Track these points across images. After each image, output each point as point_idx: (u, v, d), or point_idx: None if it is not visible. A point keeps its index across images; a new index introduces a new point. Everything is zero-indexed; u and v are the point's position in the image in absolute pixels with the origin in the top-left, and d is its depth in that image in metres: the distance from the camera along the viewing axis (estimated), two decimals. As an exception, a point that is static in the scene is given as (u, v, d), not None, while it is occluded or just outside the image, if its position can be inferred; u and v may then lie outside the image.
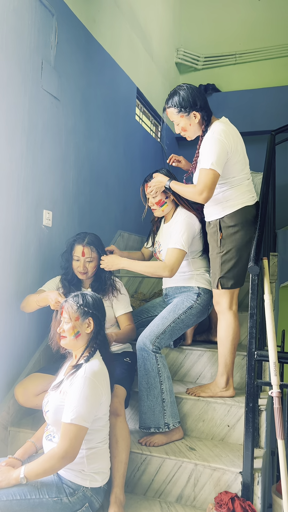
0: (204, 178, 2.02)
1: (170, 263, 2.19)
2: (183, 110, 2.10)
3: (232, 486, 1.86)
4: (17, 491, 1.57)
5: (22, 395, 2.12)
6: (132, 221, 3.84)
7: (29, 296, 2.24)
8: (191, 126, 2.14)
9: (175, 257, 2.19)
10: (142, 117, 4.37)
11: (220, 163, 2.01)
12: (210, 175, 2.01)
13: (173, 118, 2.16)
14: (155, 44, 4.51)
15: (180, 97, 2.10)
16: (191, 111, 2.10)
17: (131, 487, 2.01)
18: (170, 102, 2.13)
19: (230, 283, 2.13)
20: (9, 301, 2.21)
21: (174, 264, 2.18)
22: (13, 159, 2.21)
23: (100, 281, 2.30)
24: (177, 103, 2.10)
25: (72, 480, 1.65)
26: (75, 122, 2.82)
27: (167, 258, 2.21)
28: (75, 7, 2.79)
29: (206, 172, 2.01)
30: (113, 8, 3.41)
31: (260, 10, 5.10)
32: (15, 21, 2.20)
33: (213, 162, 2.00)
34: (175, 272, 2.20)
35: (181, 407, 2.22)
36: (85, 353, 1.77)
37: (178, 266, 2.20)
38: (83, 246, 2.26)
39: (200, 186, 2.04)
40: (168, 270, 2.18)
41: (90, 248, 2.26)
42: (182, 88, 2.13)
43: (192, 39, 5.39)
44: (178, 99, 2.10)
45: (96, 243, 2.30)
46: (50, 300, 2.06)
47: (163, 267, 2.19)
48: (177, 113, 2.13)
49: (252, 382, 1.82)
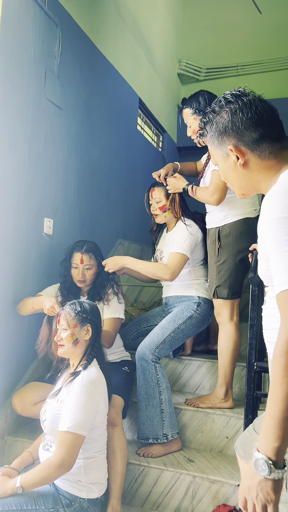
0: (216, 180, 2.05)
1: (171, 266, 2.19)
2: (197, 113, 2.17)
3: (230, 499, 1.84)
4: (13, 502, 1.56)
5: (20, 404, 2.10)
6: (133, 230, 3.85)
7: (27, 298, 2.23)
8: None
9: (177, 261, 2.20)
10: (143, 127, 4.40)
11: None
12: None
13: (187, 119, 2.22)
14: (157, 55, 4.55)
15: (197, 100, 2.17)
16: None
17: (128, 499, 1.99)
18: (188, 103, 2.21)
19: (226, 293, 2.13)
20: (7, 309, 2.21)
21: (175, 268, 2.19)
22: (15, 167, 2.22)
23: (97, 288, 2.29)
24: (193, 105, 2.18)
25: (69, 491, 1.63)
26: (77, 131, 2.84)
27: (169, 261, 2.21)
28: (79, 18, 2.83)
29: (218, 174, 2.03)
30: (116, 19, 3.45)
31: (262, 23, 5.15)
32: (20, 32, 2.23)
33: None
34: (175, 276, 2.20)
35: (180, 417, 2.21)
36: (83, 361, 1.76)
37: (179, 270, 2.20)
38: (81, 253, 2.26)
39: (212, 188, 2.06)
40: (169, 273, 2.18)
41: (88, 256, 2.26)
42: (201, 93, 2.21)
43: (194, 51, 5.45)
44: (195, 101, 2.18)
45: (94, 251, 2.30)
46: (46, 304, 2.06)
47: (164, 269, 2.20)
48: (191, 114, 2.19)
49: (252, 393, 1.81)
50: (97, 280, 2.30)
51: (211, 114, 1.11)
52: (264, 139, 1.05)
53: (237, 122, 1.06)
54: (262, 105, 1.07)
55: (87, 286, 2.31)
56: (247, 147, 1.07)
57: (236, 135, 1.07)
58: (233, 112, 1.07)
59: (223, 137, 1.09)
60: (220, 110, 1.09)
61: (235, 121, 1.06)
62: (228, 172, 1.13)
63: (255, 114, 1.05)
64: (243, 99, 1.07)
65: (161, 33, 4.67)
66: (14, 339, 2.26)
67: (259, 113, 1.06)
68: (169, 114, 5.04)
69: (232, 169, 1.10)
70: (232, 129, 1.07)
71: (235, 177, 1.12)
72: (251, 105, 1.06)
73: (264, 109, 1.07)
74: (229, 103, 1.08)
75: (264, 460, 0.91)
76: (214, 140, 1.12)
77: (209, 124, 1.12)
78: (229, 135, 1.08)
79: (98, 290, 2.27)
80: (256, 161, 1.07)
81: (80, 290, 2.34)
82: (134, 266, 2.26)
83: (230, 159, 1.10)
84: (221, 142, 1.10)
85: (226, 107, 1.08)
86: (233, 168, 1.10)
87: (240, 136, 1.06)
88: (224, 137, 1.09)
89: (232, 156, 1.08)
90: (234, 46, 5.31)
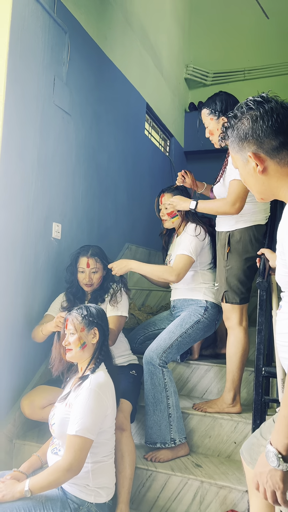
0: (236, 189, 2.04)
1: (177, 268, 2.21)
2: (213, 113, 2.19)
3: (238, 505, 1.84)
4: (21, 506, 1.56)
5: (28, 408, 2.11)
6: (140, 234, 3.86)
7: (37, 327, 2.27)
8: (218, 131, 2.20)
9: (182, 262, 2.21)
10: (151, 132, 4.42)
11: None
12: (242, 186, 2.02)
13: (204, 120, 2.25)
14: (164, 60, 4.58)
15: (214, 101, 2.20)
16: (221, 116, 2.17)
17: (136, 504, 1.98)
18: (206, 103, 2.23)
19: (235, 298, 2.13)
20: (16, 313, 2.23)
21: (181, 270, 2.20)
22: (24, 172, 2.25)
23: (102, 290, 2.30)
24: (210, 105, 2.20)
25: (77, 495, 1.63)
26: (85, 137, 2.87)
27: (175, 263, 2.23)
28: (87, 25, 2.86)
29: (237, 183, 2.03)
30: (124, 25, 3.48)
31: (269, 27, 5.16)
32: (29, 39, 2.26)
33: None
34: (181, 277, 2.21)
35: (188, 422, 2.20)
36: (91, 364, 1.77)
37: (185, 272, 2.22)
38: (87, 257, 2.28)
39: (232, 197, 2.05)
40: (175, 275, 2.20)
41: (94, 259, 2.28)
42: (219, 94, 2.23)
43: (202, 55, 5.47)
44: (212, 102, 2.20)
45: (100, 255, 2.32)
46: (51, 324, 2.09)
47: (170, 271, 2.21)
48: (208, 114, 2.21)
49: (260, 398, 1.80)
50: (104, 283, 2.31)
51: (233, 120, 1.13)
52: (284, 146, 1.07)
53: (257, 129, 1.08)
54: (284, 112, 1.08)
55: (94, 290, 2.33)
56: (267, 154, 1.08)
57: (256, 142, 1.08)
58: (254, 119, 1.08)
59: (243, 143, 1.11)
60: (242, 116, 1.11)
61: (256, 128, 1.08)
62: (247, 177, 1.15)
63: (275, 122, 1.07)
64: (264, 107, 1.08)
65: (168, 39, 4.70)
66: (22, 343, 2.27)
67: (280, 121, 1.07)
68: (177, 119, 5.06)
69: (251, 174, 1.12)
70: (252, 136, 1.09)
71: (254, 182, 1.14)
72: (272, 113, 1.07)
73: (285, 116, 1.08)
74: (250, 109, 1.09)
75: (274, 453, 1.01)
76: (235, 146, 1.14)
77: (230, 130, 1.14)
78: (249, 141, 1.09)
79: (101, 292, 2.29)
80: (275, 168, 1.09)
81: (86, 294, 2.35)
82: (140, 269, 2.27)
83: (249, 165, 1.11)
84: (241, 147, 1.12)
85: (247, 114, 1.10)
86: (252, 173, 1.12)
87: (260, 143, 1.08)
88: (244, 143, 1.10)
89: (251, 162, 1.10)
90: (241, 51, 5.33)
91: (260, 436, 1.33)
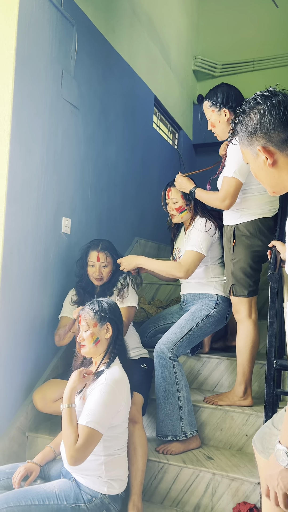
0: (227, 186, 2.05)
1: (186, 264, 2.20)
2: (215, 105, 2.17)
3: (250, 497, 1.84)
4: (35, 496, 1.58)
5: (41, 401, 2.14)
6: (149, 228, 3.86)
7: (57, 330, 2.30)
8: (220, 123, 2.18)
9: (191, 258, 2.20)
10: (159, 125, 4.40)
11: (243, 172, 2.03)
12: (232, 183, 2.04)
13: (206, 112, 2.23)
14: (172, 52, 4.54)
15: (216, 93, 2.17)
16: (222, 108, 2.15)
17: (148, 496, 2.00)
18: (207, 95, 2.21)
19: (242, 291, 2.13)
20: (27, 308, 2.24)
21: (190, 266, 2.19)
22: (33, 167, 2.25)
23: (110, 283, 2.32)
24: (211, 97, 2.18)
25: (90, 487, 1.65)
26: (93, 130, 2.86)
27: (183, 259, 2.22)
28: (94, 18, 2.84)
29: (228, 180, 2.04)
30: (131, 18, 3.45)
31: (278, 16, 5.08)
32: (37, 33, 2.25)
33: (235, 171, 2.02)
34: (190, 273, 2.20)
35: (199, 415, 2.21)
36: (105, 359, 1.78)
37: (194, 268, 2.21)
38: (97, 251, 2.28)
39: (222, 194, 2.07)
40: (183, 271, 2.19)
41: (104, 253, 2.29)
42: (221, 85, 2.20)
43: (210, 47, 5.41)
44: (213, 94, 2.18)
45: (110, 249, 2.32)
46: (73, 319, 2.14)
47: (178, 267, 2.21)
48: (209, 106, 2.19)
49: (271, 391, 1.79)
50: (113, 277, 2.32)
51: (241, 115, 1.14)
52: None
53: (266, 123, 1.08)
54: None
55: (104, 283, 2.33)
56: (276, 147, 1.09)
57: (265, 136, 1.09)
58: (262, 113, 1.09)
59: (252, 137, 1.11)
60: (250, 111, 1.11)
61: (264, 122, 1.08)
62: (258, 171, 1.16)
63: (283, 115, 1.07)
64: (272, 100, 1.08)
65: (176, 30, 4.66)
66: (34, 337, 2.29)
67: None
68: (185, 112, 5.02)
69: (262, 168, 1.13)
70: (261, 130, 1.09)
71: (265, 176, 1.14)
72: (279, 106, 1.07)
73: None
74: (258, 104, 1.10)
75: (285, 451, 0.99)
76: (244, 140, 1.14)
77: (239, 125, 1.15)
78: (258, 135, 1.10)
79: (109, 286, 2.30)
80: (285, 160, 1.09)
81: (95, 288, 2.36)
82: (148, 265, 2.27)
83: (259, 159, 1.12)
84: (250, 142, 1.12)
85: (255, 108, 1.10)
86: (262, 167, 1.13)
87: (268, 136, 1.09)
88: (254, 137, 1.11)
89: (261, 156, 1.11)
90: (250, 41, 5.26)
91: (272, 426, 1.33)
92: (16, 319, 2.16)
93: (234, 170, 2.02)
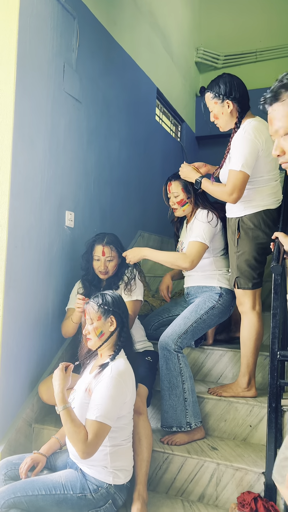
0: (234, 180, 2.03)
1: (191, 254, 2.20)
2: (217, 96, 2.13)
3: (255, 486, 1.86)
4: (42, 486, 1.61)
5: (46, 393, 2.16)
6: (153, 221, 3.86)
7: (63, 323, 2.33)
8: (223, 115, 2.15)
9: (195, 249, 2.21)
10: (162, 117, 4.38)
11: (250, 164, 2.01)
12: (240, 177, 2.01)
13: (208, 104, 2.19)
14: (174, 44, 4.51)
15: (218, 84, 2.13)
16: (225, 99, 2.12)
17: (153, 486, 2.02)
18: (209, 86, 2.17)
19: (246, 283, 2.13)
20: (32, 301, 2.26)
21: (194, 256, 2.20)
22: (36, 161, 2.25)
23: (116, 277, 2.33)
24: (213, 89, 2.14)
25: (96, 477, 1.67)
26: (96, 124, 2.86)
27: (188, 250, 2.22)
28: (96, 10, 2.83)
29: (235, 173, 2.02)
30: (133, 9, 3.43)
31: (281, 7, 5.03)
32: (38, 26, 2.24)
33: (243, 164, 2.00)
34: (195, 264, 2.21)
35: (203, 406, 2.22)
36: (110, 351, 1.80)
37: (198, 259, 2.21)
38: (103, 245, 2.29)
39: (229, 187, 2.05)
40: (188, 262, 2.19)
41: (110, 248, 2.29)
42: (223, 76, 2.16)
43: (212, 38, 5.37)
44: (215, 85, 2.14)
45: (115, 243, 2.33)
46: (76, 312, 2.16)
47: (183, 258, 2.21)
48: (212, 98, 2.16)
49: (275, 382, 1.80)
50: (119, 271, 2.33)
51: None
52: None
53: None
54: None
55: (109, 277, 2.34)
56: None
57: None
58: None
59: None
60: None
61: None
62: None
63: None
64: None
65: (178, 22, 4.62)
66: (39, 329, 2.31)
67: None
68: (187, 104, 5.00)
69: None
70: None
71: None
72: None
73: None
74: None
75: None
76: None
77: None
78: None
79: (115, 279, 2.31)
80: None
81: (101, 281, 2.37)
82: (153, 257, 2.28)
83: None
84: None
85: None
86: None
87: None
88: None
89: None
90: (252, 32, 5.21)
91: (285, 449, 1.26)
92: (21, 312, 2.18)
93: (242, 163, 2.00)
